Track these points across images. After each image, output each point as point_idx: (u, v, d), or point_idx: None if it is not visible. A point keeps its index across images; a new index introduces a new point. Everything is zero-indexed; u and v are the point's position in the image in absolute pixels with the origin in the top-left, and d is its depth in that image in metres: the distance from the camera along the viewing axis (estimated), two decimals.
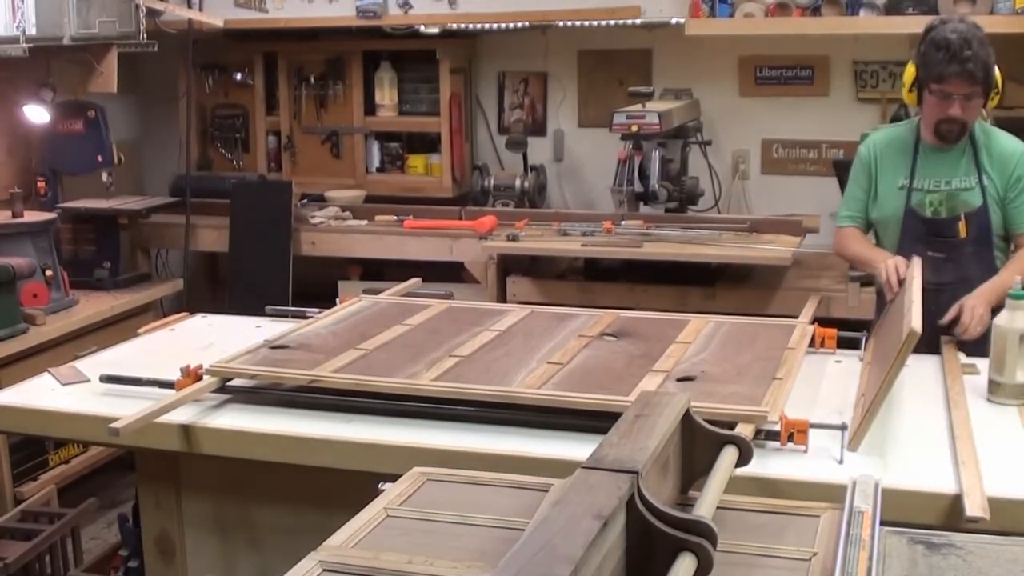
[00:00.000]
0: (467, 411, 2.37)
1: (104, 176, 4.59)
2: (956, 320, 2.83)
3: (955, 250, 3.01)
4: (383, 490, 1.81)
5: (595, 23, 4.65)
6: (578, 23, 4.68)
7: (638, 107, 4.24)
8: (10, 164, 4.65)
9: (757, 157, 4.90)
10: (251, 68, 5.25)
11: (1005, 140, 3.04)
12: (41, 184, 4.60)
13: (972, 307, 2.83)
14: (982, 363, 2.58)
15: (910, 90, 3.03)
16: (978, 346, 2.76)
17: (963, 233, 2.99)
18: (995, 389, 2.46)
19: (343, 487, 2.08)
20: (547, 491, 1.73)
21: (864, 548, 1.50)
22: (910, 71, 3.03)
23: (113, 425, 2.26)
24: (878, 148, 3.13)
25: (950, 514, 1.95)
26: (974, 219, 2.99)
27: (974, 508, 1.88)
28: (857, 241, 3.18)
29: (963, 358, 2.72)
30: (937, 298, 2.88)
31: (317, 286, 4.59)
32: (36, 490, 3.76)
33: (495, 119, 5.24)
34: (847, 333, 2.83)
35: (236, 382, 2.57)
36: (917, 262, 2.84)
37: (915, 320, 2.17)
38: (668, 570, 1.35)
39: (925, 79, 2.93)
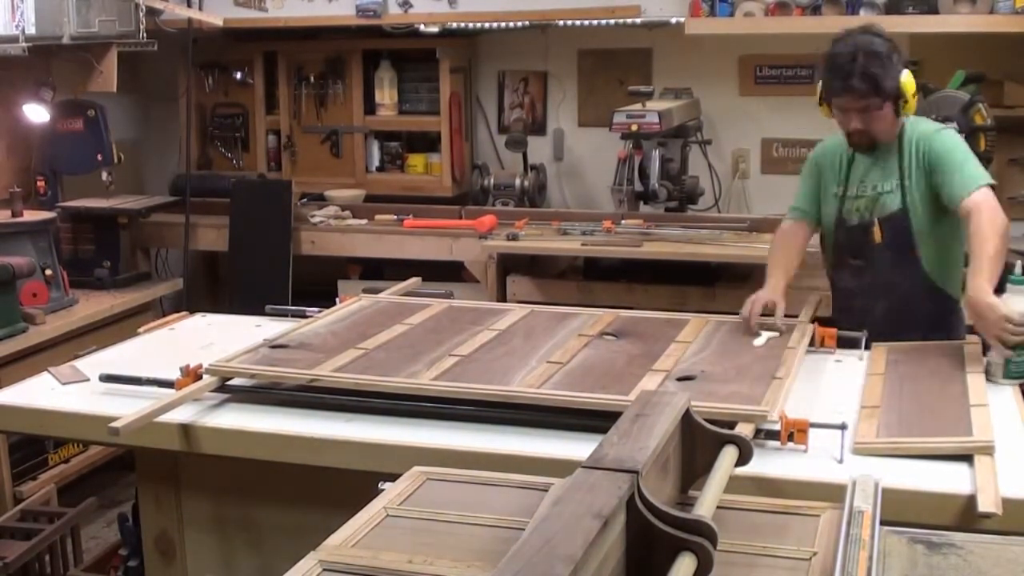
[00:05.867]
0: (467, 411, 2.36)
1: (104, 175, 4.58)
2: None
3: (872, 255, 2.93)
4: (383, 490, 1.81)
5: (595, 22, 4.64)
6: (578, 22, 4.67)
7: (638, 106, 4.24)
8: (10, 163, 4.64)
9: (757, 156, 4.90)
10: (251, 67, 5.24)
11: (921, 125, 2.94)
12: (41, 183, 4.60)
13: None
14: None
15: (820, 104, 2.95)
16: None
17: (877, 238, 2.91)
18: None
19: (343, 487, 2.07)
20: (547, 491, 1.73)
21: (864, 548, 1.50)
22: (820, 86, 2.96)
23: (113, 424, 2.26)
24: (819, 156, 3.10)
25: (957, 513, 1.94)
26: (888, 223, 2.89)
27: (987, 504, 1.87)
28: (780, 248, 3.11)
29: None
30: (850, 302, 3.01)
31: (317, 285, 4.59)
32: (36, 489, 3.75)
33: (495, 118, 5.24)
34: (847, 332, 2.82)
35: (236, 381, 2.57)
36: (780, 308, 2.84)
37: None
38: (668, 570, 1.35)
39: (825, 96, 2.91)
